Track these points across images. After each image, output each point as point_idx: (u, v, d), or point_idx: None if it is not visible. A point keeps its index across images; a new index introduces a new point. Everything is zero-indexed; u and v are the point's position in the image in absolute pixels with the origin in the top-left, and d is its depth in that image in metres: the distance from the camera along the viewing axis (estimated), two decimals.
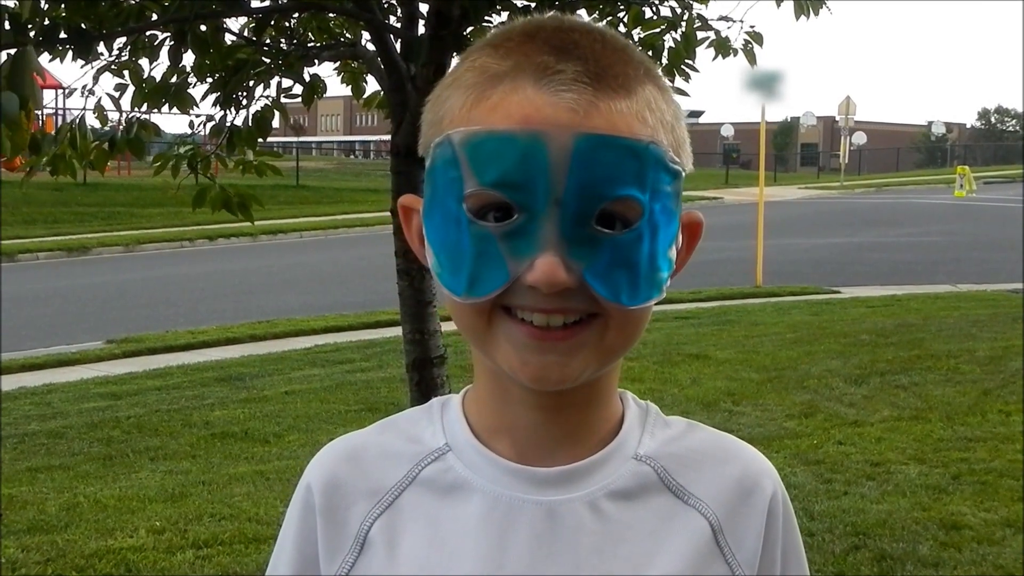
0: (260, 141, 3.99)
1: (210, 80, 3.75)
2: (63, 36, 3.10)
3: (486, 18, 3.51)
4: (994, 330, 9.27)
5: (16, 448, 6.32)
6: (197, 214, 4.29)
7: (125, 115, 3.87)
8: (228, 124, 3.88)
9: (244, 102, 3.89)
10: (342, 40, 4.05)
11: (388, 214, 3.69)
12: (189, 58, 3.55)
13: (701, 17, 3.90)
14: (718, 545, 0.95)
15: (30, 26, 2.92)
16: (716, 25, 3.95)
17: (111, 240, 19.59)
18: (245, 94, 3.87)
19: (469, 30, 3.49)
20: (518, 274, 0.85)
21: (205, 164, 3.93)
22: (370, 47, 3.71)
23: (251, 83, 3.83)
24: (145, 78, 3.78)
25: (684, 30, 3.83)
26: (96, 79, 3.72)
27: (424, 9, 3.45)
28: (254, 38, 3.63)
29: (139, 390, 7.94)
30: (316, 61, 3.91)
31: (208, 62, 3.57)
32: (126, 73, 3.80)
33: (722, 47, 3.96)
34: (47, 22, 3.11)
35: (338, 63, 4.32)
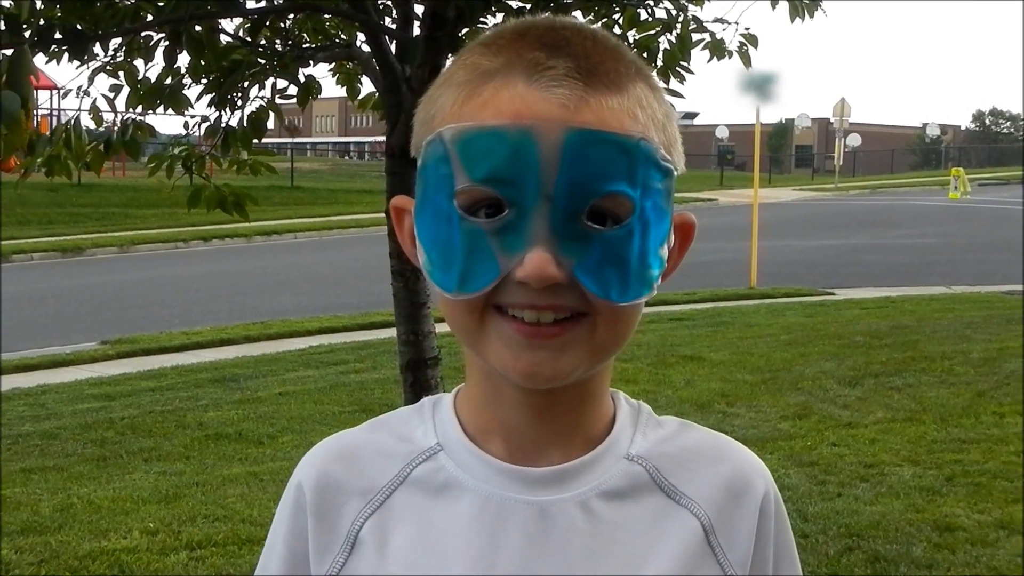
0: (255, 142, 3.99)
1: (205, 81, 3.75)
2: (58, 37, 3.09)
3: (481, 19, 3.51)
4: (988, 332, 9.28)
5: (10, 449, 6.31)
6: (192, 215, 4.27)
7: (120, 116, 3.87)
8: (223, 125, 3.88)
9: (239, 103, 3.89)
10: (337, 41, 4.05)
11: (383, 215, 3.69)
12: (184, 59, 3.55)
13: (696, 19, 3.91)
14: (710, 545, 0.94)
15: (25, 26, 2.91)
16: (711, 27, 3.97)
17: (105, 241, 19.55)
18: (240, 95, 3.87)
19: (464, 31, 3.49)
20: (509, 270, 0.85)
21: (200, 164, 3.93)
22: (365, 48, 3.71)
23: (246, 84, 3.83)
24: (140, 79, 3.78)
25: (679, 32, 3.85)
26: (91, 80, 3.71)
27: (419, 10, 3.45)
28: (249, 39, 3.63)
29: (133, 391, 7.93)
30: (311, 62, 3.91)
31: (203, 63, 3.56)
32: (121, 74, 3.80)
33: (717, 49, 3.97)
34: (42, 22, 3.10)
35: (333, 64, 4.33)
